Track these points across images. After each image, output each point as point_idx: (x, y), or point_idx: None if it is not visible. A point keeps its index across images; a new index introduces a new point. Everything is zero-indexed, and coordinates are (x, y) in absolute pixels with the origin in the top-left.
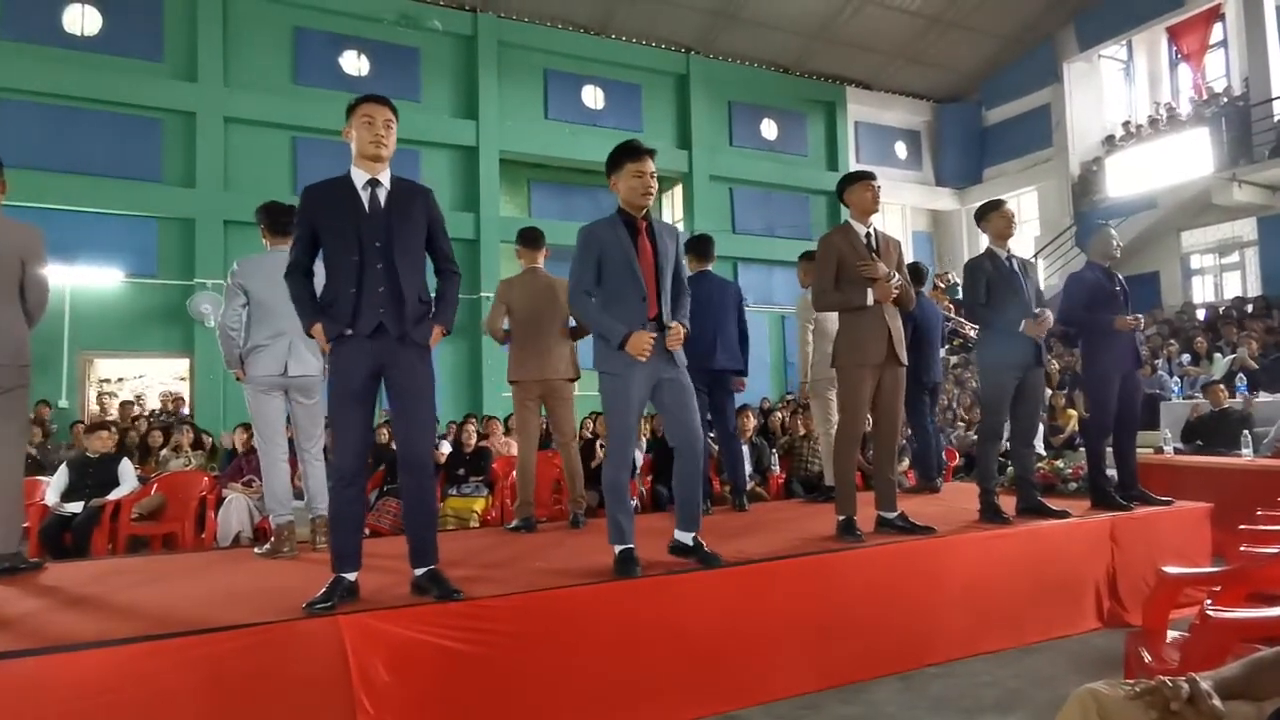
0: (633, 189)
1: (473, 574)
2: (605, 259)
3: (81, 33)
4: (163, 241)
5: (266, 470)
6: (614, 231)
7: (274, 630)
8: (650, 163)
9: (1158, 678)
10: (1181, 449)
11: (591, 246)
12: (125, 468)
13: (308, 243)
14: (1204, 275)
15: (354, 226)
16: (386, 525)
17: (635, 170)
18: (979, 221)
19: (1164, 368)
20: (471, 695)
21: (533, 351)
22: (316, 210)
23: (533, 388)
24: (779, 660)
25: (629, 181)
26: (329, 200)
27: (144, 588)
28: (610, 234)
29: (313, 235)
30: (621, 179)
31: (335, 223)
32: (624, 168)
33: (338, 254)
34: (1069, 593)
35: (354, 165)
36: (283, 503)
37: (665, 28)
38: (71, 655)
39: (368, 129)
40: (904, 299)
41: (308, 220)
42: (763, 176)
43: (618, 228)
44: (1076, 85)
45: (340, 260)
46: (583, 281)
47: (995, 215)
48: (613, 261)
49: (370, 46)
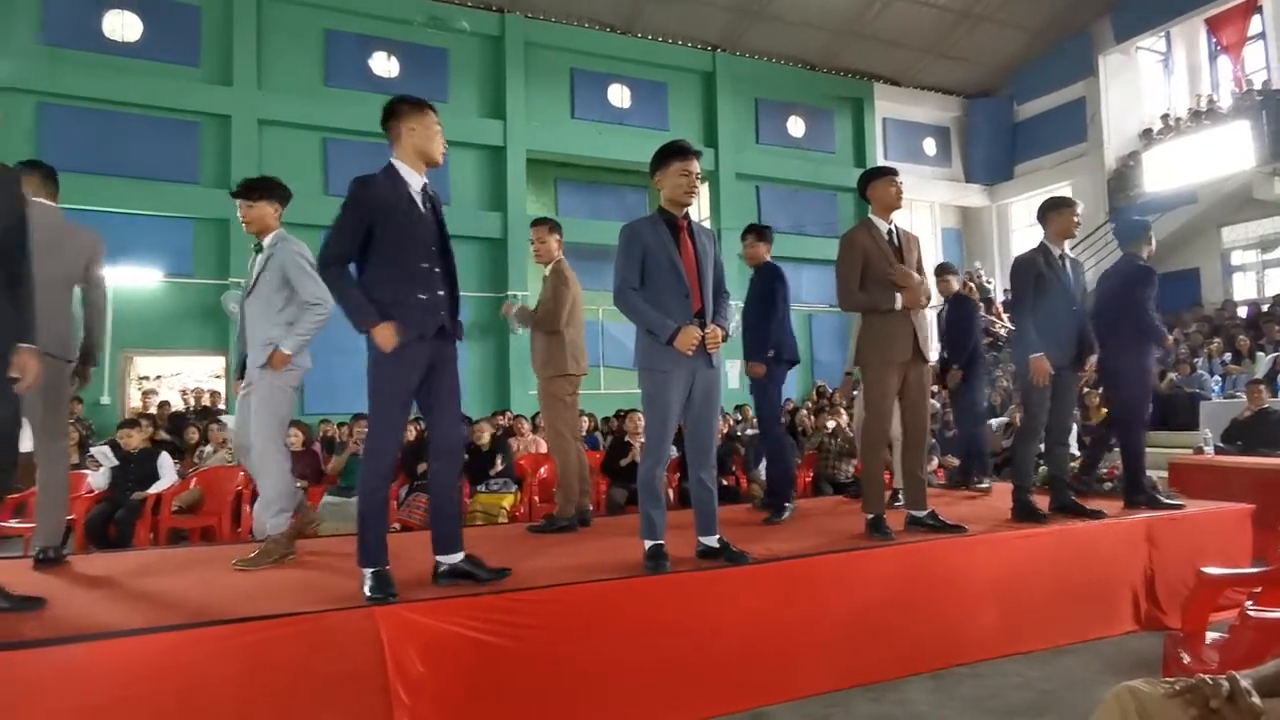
0: (678, 187)
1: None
2: (648, 257)
3: (122, 39)
4: (199, 241)
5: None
6: (656, 230)
7: (312, 620)
8: (696, 163)
9: (1197, 675)
10: (1223, 449)
11: (635, 244)
12: (164, 462)
13: (360, 237)
14: (1245, 272)
15: (418, 230)
16: (417, 521)
17: (681, 169)
18: (1043, 215)
19: (1204, 366)
20: (504, 687)
21: (582, 345)
22: (378, 207)
23: (579, 381)
24: (808, 658)
25: (675, 180)
26: (391, 199)
27: (184, 578)
28: (652, 232)
29: (367, 230)
30: (667, 177)
31: (400, 224)
32: (670, 166)
33: (402, 257)
34: (1104, 594)
35: (407, 166)
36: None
37: (691, 26)
38: (116, 642)
39: (439, 137)
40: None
41: (367, 215)
42: (790, 174)
43: (659, 226)
44: (1113, 78)
45: (406, 263)
46: (629, 279)
47: (1065, 212)
48: (656, 260)
49: (400, 48)
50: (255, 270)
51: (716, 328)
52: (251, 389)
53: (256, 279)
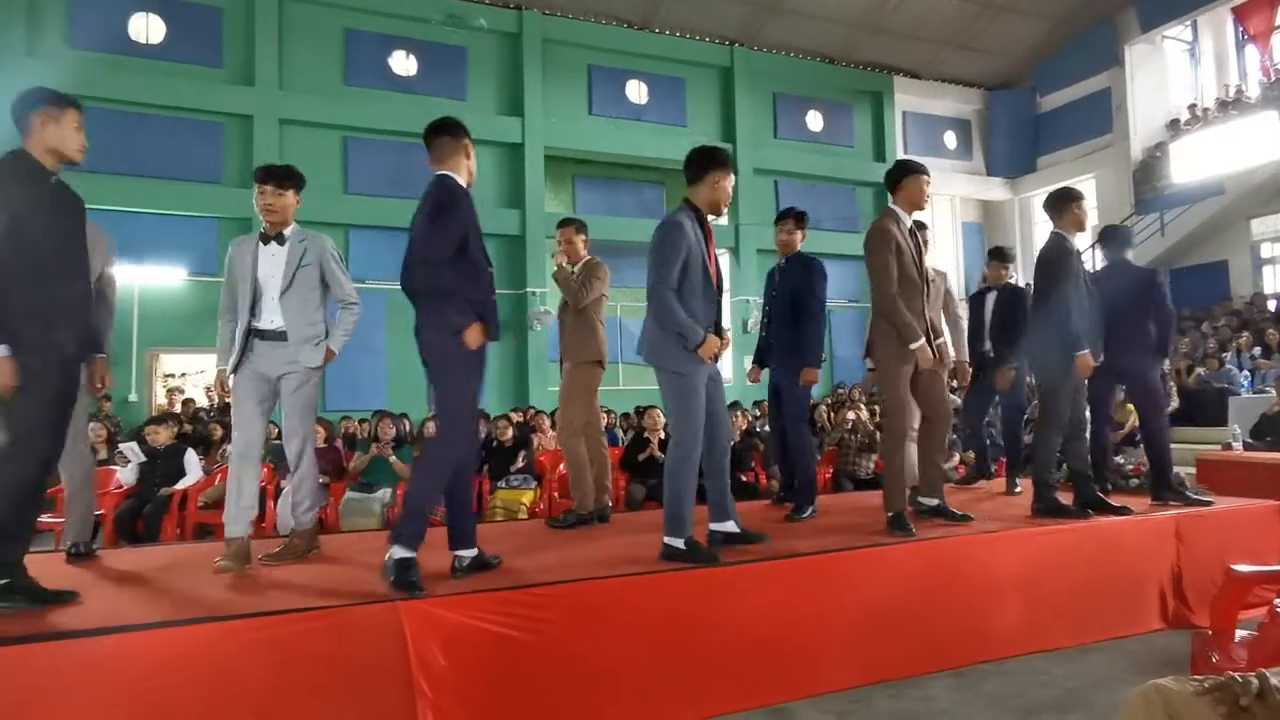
0: (728, 193)
1: (526, 563)
2: (690, 257)
3: (146, 41)
4: (223, 241)
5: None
6: (694, 232)
7: (338, 614)
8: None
9: (1227, 673)
10: (1252, 444)
11: (680, 244)
12: (190, 458)
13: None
14: (1275, 264)
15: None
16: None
17: (728, 178)
18: (1056, 208)
19: (1233, 361)
20: (525, 680)
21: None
22: (470, 212)
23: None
24: (828, 654)
25: (725, 185)
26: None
27: (211, 572)
28: (692, 234)
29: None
30: (713, 183)
31: (478, 233)
32: (717, 174)
33: (481, 264)
34: (1130, 591)
35: (467, 184)
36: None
37: (709, 20)
38: (143, 634)
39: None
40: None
41: (465, 218)
42: (808, 169)
43: (696, 229)
44: (1139, 68)
45: (482, 270)
46: (670, 279)
47: (1081, 203)
48: (693, 262)
49: (418, 46)
50: (284, 263)
51: (728, 335)
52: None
53: (294, 274)
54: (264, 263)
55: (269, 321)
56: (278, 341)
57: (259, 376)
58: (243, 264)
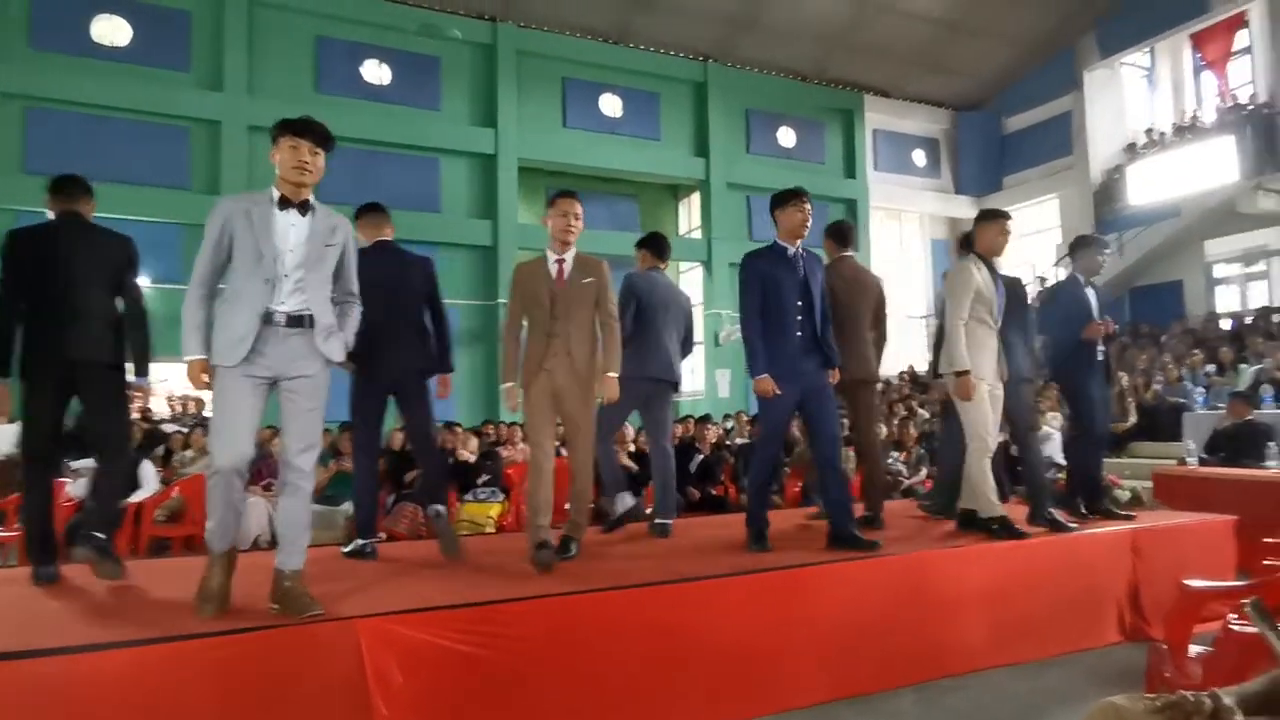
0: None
1: (488, 580)
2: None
3: (111, 44)
4: (189, 248)
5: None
6: (774, 265)
7: (291, 633)
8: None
9: (1179, 692)
10: (1206, 460)
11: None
12: (146, 470)
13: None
14: (1229, 285)
15: None
16: (404, 529)
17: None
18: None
19: (1188, 377)
20: (484, 699)
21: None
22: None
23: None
24: (792, 669)
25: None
26: None
27: (166, 589)
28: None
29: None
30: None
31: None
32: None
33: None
34: (1089, 605)
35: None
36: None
37: (683, 36)
38: (88, 656)
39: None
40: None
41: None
42: (780, 184)
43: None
44: (1098, 93)
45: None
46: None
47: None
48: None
49: (391, 55)
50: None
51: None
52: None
53: (319, 252)
54: (281, 232)
55: (295, 304)
56: (297, 329)
57: (262, 374)
58: (255, 228)
